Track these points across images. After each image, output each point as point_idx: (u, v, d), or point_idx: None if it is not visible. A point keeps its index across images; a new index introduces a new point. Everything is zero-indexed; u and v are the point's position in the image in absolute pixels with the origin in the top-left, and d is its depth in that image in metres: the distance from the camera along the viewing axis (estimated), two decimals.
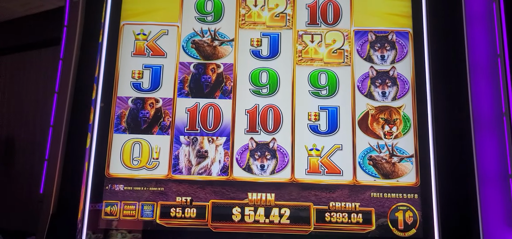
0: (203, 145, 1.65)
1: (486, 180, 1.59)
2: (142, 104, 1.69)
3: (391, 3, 1.77)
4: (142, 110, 1.68)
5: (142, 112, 1.68)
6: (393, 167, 1.62)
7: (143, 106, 1.69)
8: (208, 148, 1.65)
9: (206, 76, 1.71)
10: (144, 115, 1.68)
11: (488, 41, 1.69)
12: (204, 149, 1.65)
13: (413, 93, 1.68)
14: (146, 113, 1.68)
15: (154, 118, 1.68)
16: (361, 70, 1.72)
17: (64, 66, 1.99)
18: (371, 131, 1.66)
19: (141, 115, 1.68)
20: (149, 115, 1.68)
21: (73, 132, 1.88)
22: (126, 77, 1.73)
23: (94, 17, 1.93)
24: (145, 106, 1.69)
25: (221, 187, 1.62)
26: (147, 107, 1.69)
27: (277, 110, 1.69)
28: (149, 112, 1.68)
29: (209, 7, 1.81)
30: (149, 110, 1.69)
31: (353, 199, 1.59)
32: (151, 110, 1.69)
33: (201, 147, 1.65)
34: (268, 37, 1.77)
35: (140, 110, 1.68)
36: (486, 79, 1.67)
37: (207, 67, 1.73)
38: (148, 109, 1.68)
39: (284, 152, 1.65)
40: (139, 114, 1.68)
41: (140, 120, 1.68)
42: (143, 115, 1.68)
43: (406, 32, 1.74)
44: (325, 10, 1.79)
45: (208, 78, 1.71)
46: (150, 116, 1.68)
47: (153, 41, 1.77)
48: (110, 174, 1.63)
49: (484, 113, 1.65)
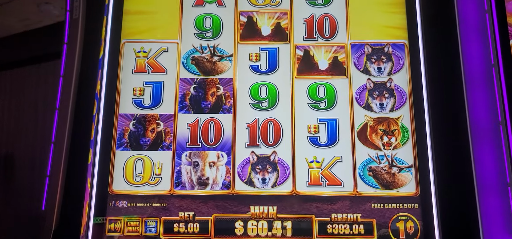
0: (204, 172, 1.66)
1: (486, 188, 1.61)
2: (143, 131, 1.70)
3: (386, 16, 1.80)
4: (143, 138, 1.70)
5: (142, 140, 1.69)
6: (393, 177, 1.64)
7: (144, 133, 1.70)
8: (209, 174, 1.66)
9: (206, 102, 1.73)
10: (144, 143, 1.69)
11: (482, 51, 1.71)
12: (206, 177, 1.66)
13: (410, 104, 1.70)
14: (147, 141, 1.69)
15: (154, 142, 1.70)
16: (359, 82, 1.74)
17: (64, 82, 2.00)
18: (370, 142, 1.68)
19: (142, 143, 1.69)
20: (150, 141, 1.69)
21: (75, 148, 1.89)
22: (128, 94, 1.75)
23: (94, 34, 1.95)
24: (146, 133, 1.70)
25: (223, 201, 1.63)
26: (148, 134, 1.70)
27: (277, 124, 1.71)
28: (150, 139, 1.70)
29: (208, 23, 1.84)
30: (150, 137, 1.70)
31: (355, 210, 1.61)
32: (152, 136, 1.70)
33: (202, 174, 1.66)
34: (266, 52, 1.79)
35: (141, 138, 1.70)
36: (481, 88, 1.70)
37: (206, 92, 1.74)
38: (149, 136, 1.70)
39: (285, 164, 1.67)
40: (140, 141, 1.69)
41: (141, 144, 1.69)
42: (144, 143, 1.69)
43: (402, 44, 1.77)
44: (321, 24, 1.82)
45: (208, 104, 1.73)
46: (151, 141, 1.69)
47: (153, 58, 1.79)
48: (113, 191, 1.64)
49: (481, 122, 1.67)
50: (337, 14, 1.82)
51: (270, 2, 1.85)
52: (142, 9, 1.84)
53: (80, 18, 2.03)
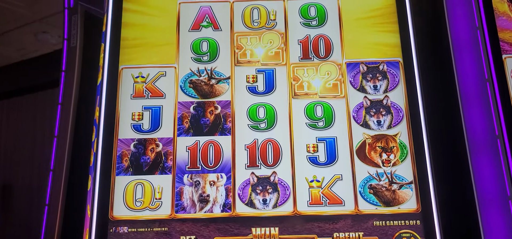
0: (205, 190, 1.66)
1: (486, 202, 1.62)
2: (144, 149, 1.71)
3: (380, 34, 1.83)
4: (144, 156, 1.70)
5: (143, 158, 1.70)
6: (393, 194, 1.64)
7: (144, 152, 1.71)
8: (210, 191, 1.66)
9: (204, 119, 1.74)
10: (145, 161, 1.70)
11: (476, 66, 1.74)
12: (206, 193, 1.66)
13: (407, 121, 1.72)
14: (147, 159, 1.70)
15: (154, 162, 1.70)
16: (356, 101, 1.76)
17: (63, 110, 2.02)
18: (369, 160, 1.69)
19: (142, 161, 1.70)
20: (150, 160, 1.70)
21: (74, 176, 1.89)
22: (127, 119, 1.75)
23: (92, 61, 1.97)
24: (146, 152, 1.70)
25: (224, 223, 1.62)
26: (148, 153, 1.70)
27: (276, 144, 1.72)
28: (150, 158, 1.70)
29: (204, 47, 1.86)
30: (150, 155, 1.70)
31: (357, 228, 1.60)
32: (152, 155, 1.70)
33: (203, 191, 1.66)
34: (263, 73, 1.82)
35: (141, 156, 1.70)
36: (477, 103, 1.72)
37: (205, 110, 1.76)
38: (148, 154, 1.70)
39: (285, 185, 1.67)
40: (140, 160, 1.70)
41: (141, 163, 1.70)
42: (144, 161, 1.69)
43: (397, 62, 1.80)
44: (316, 44, 1.85)
45: (207, 120, 1.74)
46: (151, 161, 1.70)
47: (151, 83, 1.81)
48: (114, 217, 1.63)
49: (478, 137, 1.69)
50: (331, 34, 1.85)
51: (265, 25, 1.88)
52: (139, 34, 1.86)
53: (77, 46, 2.06)
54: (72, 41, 2.09)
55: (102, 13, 2.01)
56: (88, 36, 2.08)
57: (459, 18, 1.82)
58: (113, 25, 1.84)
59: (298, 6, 1.90)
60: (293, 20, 1.88)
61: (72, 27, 2.09)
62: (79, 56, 2.05)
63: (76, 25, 2.08)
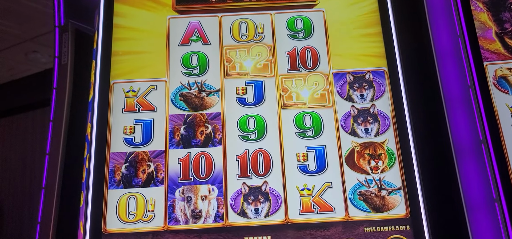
0: (197, 205, 1.68)
1: (473, 205, 1.65)
2: (135, 172, 1.72)
3: (365, 45, 1.88)
4: (135, 179, 1.71)
5: (134, 181, 1.70)
6: (383, 200, 1.67)
7: (136, 174, 1.72)
8: (202, 206, 1.67)
9: (195, 140, 1.76)
10: (136, 183, 1.70)
11: (458, 73, 1.79)
12: (198, 209, 1.67)
13: (394, 128, 1.76)
14: (139, 181, 1.71)
15: (146, 181, 1.71)
16: (343, 110, 1.80)
17: (54, 127, 2.02)
18: (358, 167, 1.72)
19: (134, 184, 1.70)
20: (141, 181, 1.70)
21: (66, 192, 1.89)
22: (118, 133, 1.77)
23: (83, 78, 1.98)
24: (137, 174, 1.71)
25: (217, 234, 1.63)
26: (140, 175, 1.71)
27: (266, 154, 1.75)
28: (141, 179, 1.71)
29: (194, 61, 1.89)
30: (141, 177, 1.71)
31: (348, 235, 1.62)
32: (143, 177, 1.71)
33: (195, 207, 1.67)
34: (252, 85, 1.85)
35: (133, 178, 1.71)
36: (461, 109, 1.76)
37: (196, 131, 1.78)
38: (140, 176, 1.71)
39: (276, 194, 1.69)
40: (132, 182, 1.70)
41: (133, 184, 1.70)
42: (136, 184, 1.70)
43: (382, 71, 1.85)
44: (303, 56, 1.89)
45: (198, 141, 1.76)
46: (143, 181, 1.70)
47: (142, 97, 1.83)
48: (107, 230, 1.63)
49: (463, 142, 1.73)
50: (318, 46, 1.90)
51: (253, 38, 1.92)
52: (130, 50, 1.88)
53: (68, 63, 2.07)
54: (63, 58, 2.10)
55: (93, 31, 2.04)
56: (79, 53, 2.10)
57: (441, 27, 1.88)
58: (103, 41, 1.86)
59: (285, 19, 1.95)
60: (281, 33, 1.92)
61: (63, 45, 2.11)
62: (70, 73, 2.06)
63: (67, 43, 2.10)
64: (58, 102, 2.05)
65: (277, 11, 1.96)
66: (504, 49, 1.79)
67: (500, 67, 1.76)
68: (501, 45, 1.80)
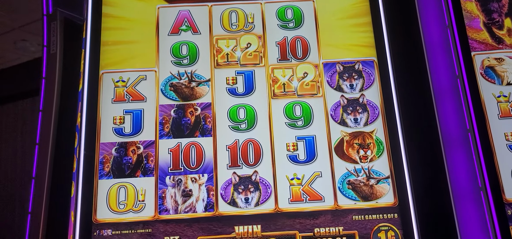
0: (187, 185, 1.69)
1: (460, 193, 1.67)
2: (125, 151, 1.73)
3: (355, 35, 1.89)
4: (125, 157, 1.72)
5: (125, 159, 1.71)
6: (371, 189, 1.69)
7: (126, 153, 1.72)
8: (192, 187, 1.69)
9: (185, 119, 1.77)
10: (127, 161, 1.71)
11: (447, 63, 1.81)
12: (189, 188, 1.69)
13: (383, 117, 1.78)
14: (129, 159, 1.71)
15: (136, 163, 1.71)
16: (333, 100, 1.81)
17: (44, 117, 2.01)
18: (347, 156, 1.74)
19: (125, 162, 1.71)
20: (132, 161, 1.72)
21: (57, 182, 1.88)
22: (108, 124, 1.76)
23: (72, 68, 1.97)
24: (127, 153, 1.72)
25: (208, 223, 1.65)
26: (130, 154, 1.72)
27: (256, 144, 1.76)
28: (132, 159, 1.72)
29: (184, 50, 1.89)
30: (132, 156, 1.72)
31: (337, 223, 1.65)
32: (134, 157, 1.72)
33: (185, 186, 1.69)
34: (242, 75, 1.85)
35: (123, 157, 1.72)
36: (449, 99, 1.78)
37: (186, 110, 1.78)
38: (130, 155, 1.72)
39: (266, 183, 1.70)
40: (123, 160, 1.71)
41: (123, 166, 1.71)
42: (126, 162, 1.71)
43: (371, 61, 1.86)
44: (294, 46, 1.89)
45: (188, 120, 1.77)
46: (133, 162, 1.71)
47: (132, 87, 1.82)
48: (97, 220, 1.64)
49: (451, 131, 1.75)
50: (308, 36, 1.90)
51: (243, 28, 1.92)
52: (119, 39, 1.87)
53: (57, 52, 2.05)
54: (52, 48, 2.08)
55: (82, 20, 2.01)
56: (68, 42, 2.08)
57: (430, 17, 1.89)
58: (92, 31, 1.85)
59: (275, 9, 1.94)
60: (271, 23, 1.92)
61: (51, 34, 2.09)
62: (59, 63, 2.04)
63: (56, 31, 2.07)
64: (47, 92, 2.03)
65: (268, 1, 1.95)
66: (492, 39, 1.81)
67: (487, 57, 1.78)
68: (489, 35, 1.82)
